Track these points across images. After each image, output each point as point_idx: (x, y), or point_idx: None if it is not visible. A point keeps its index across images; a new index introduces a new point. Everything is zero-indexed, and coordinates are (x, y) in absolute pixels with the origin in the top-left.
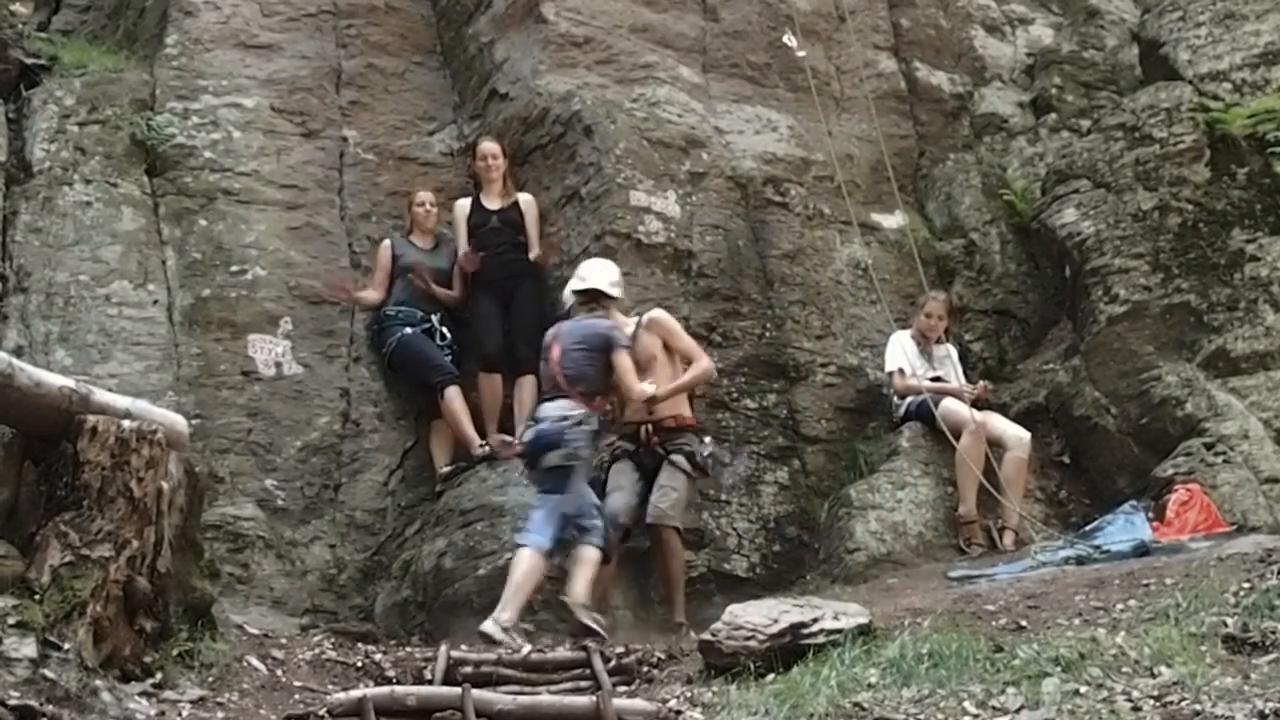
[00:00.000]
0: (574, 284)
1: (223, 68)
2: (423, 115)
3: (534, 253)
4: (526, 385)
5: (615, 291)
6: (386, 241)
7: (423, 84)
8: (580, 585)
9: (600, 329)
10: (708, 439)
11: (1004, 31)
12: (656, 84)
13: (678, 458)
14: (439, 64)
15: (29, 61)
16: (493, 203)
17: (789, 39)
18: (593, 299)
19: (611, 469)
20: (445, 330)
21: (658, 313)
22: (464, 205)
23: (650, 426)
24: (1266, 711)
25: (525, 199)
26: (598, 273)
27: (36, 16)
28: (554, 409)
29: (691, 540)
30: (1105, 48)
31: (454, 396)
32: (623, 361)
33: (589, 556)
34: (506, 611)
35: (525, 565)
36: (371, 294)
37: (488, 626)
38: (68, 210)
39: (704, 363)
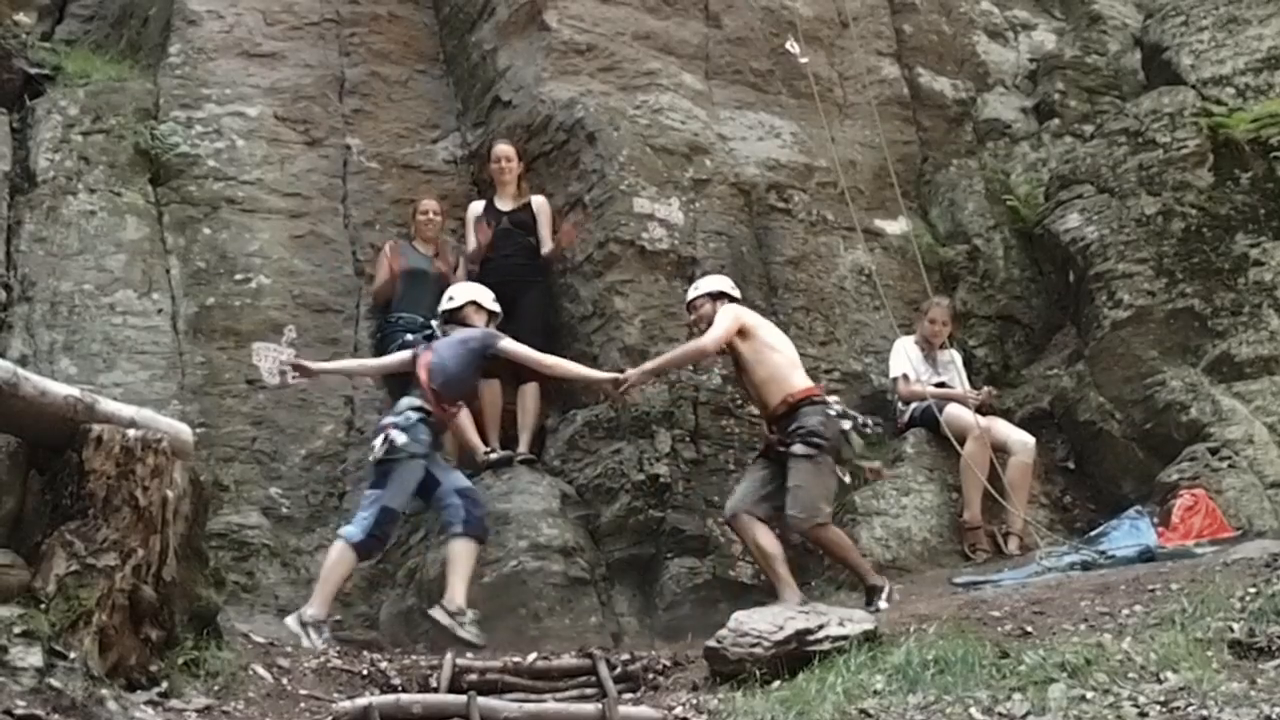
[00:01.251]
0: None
1: (226, 76)
2: (426, 123)
3: (546, 248)
4: (529, 392)
5: (451, 305)
6: (389, 244)
7: (426, 92)
8: (456, 587)
9: (478, 334)
10: (829, 402)
11: (1006, 37)
12: (659, 91)
13: (794, 446)
14: (442, 72)
15: (33, 71)
16: (505, 204)
17: (791, 45)
18: (450, 319)
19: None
20: None
21: (722, 307)
22: (477, 207)
23: (766, 423)
24: (1273, 716)
25: (538, 200)
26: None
27: (40, 26)
28: (399, 404)
29: (696, 547)
30: (1108, 53)
31: None
32: (509, 347)
33: (460, 551)
34: (313, 607)
35: (334, 556)
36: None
37: (290, 621)
38: (72, 219)
39: (695, 342)
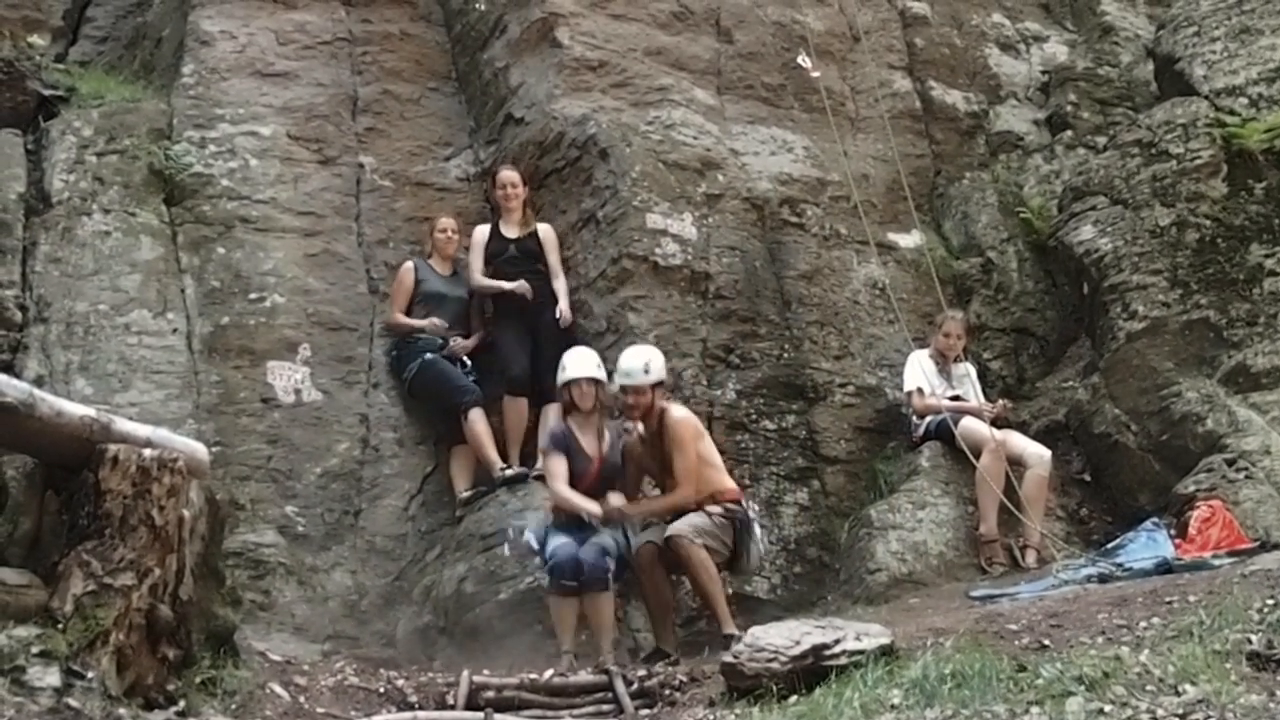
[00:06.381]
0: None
1: (239, 96)
2: (439, 141)
3: (557, 281)
4: (552, 411)
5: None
6: (409, 264)
7: (438, 110)
8: None
9: None
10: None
11: (1018, 49)
12: (671, 106)
13: None
14: (454, 89)
15: (47, 93)
16: (511, 231)
17: (803, 60)
18: None
19: None
20: (465, 357)
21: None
22: (482, 232)
23: None
24: None
25: (544, 229)
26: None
27: (54, 48)
28: None
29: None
30: (1120, 64)
31: (477, 418)
32: None
33: None
34: None
35: None
36: (412, 322)
37: None
38: (87, 240)
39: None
